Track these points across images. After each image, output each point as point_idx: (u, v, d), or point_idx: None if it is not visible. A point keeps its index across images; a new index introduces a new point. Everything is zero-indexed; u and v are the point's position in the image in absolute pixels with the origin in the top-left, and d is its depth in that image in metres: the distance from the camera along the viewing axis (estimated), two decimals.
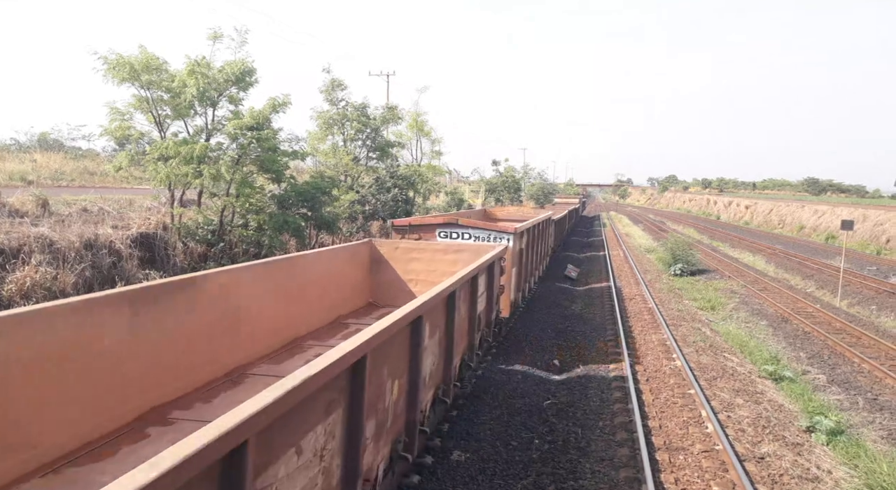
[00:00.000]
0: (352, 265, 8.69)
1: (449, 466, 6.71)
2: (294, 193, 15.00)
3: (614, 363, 11.27)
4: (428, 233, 11.00)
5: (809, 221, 51.49)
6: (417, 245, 9.14)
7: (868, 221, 40.64)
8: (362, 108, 23.17)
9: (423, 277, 8.85)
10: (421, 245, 9.14)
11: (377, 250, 9.24)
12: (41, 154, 26.52)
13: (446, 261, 8.81)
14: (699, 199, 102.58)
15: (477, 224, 10.94)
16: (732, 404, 9.34)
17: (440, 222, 11.07)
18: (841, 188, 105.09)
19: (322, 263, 7.77)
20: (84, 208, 14.06)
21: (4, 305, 8.82)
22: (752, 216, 67.33)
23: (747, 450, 7.69)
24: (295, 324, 7.01)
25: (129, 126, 13.01)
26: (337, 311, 8.16)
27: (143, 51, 12.74)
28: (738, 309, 18.07)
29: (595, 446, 7.67)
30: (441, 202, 34.59)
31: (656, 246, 35.92)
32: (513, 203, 50.94)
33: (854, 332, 15.37)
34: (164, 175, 12.59)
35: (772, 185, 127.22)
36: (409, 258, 9.07)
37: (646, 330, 14.05)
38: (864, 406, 10.45)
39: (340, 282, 8.27)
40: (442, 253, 9.01)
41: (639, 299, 18.18)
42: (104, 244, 11.21)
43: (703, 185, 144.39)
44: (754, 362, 12.36)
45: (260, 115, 13.66)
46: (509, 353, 11.44)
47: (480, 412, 8.36)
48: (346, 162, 22.03)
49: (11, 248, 9.75)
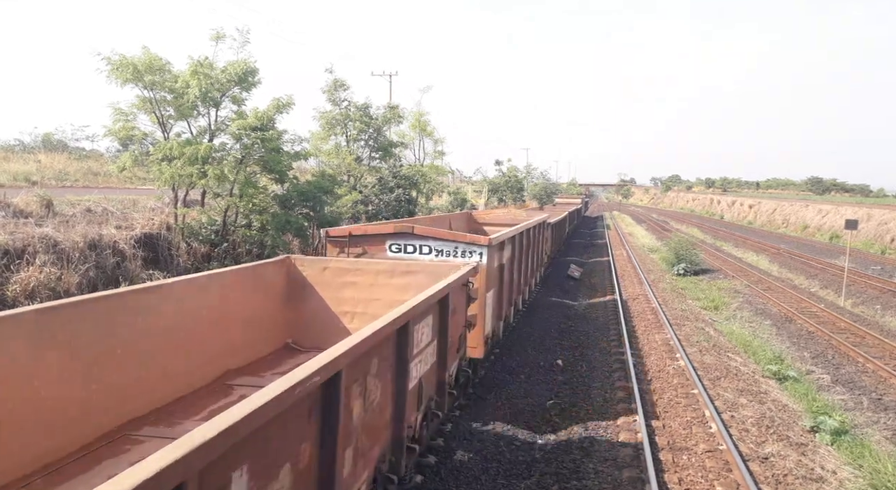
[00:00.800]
0: (259, 293, 6.31)
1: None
2: (296, 193, 15.03)
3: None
4: (375, 245, 8.32)
5: (813, 221, 51.35)
6: (354, 265, 6.82)
7: (872, 221, 40.50)
8: (365, 108, 23.18)
9: (361, 308, 6.65)
10: (359, 265, 6.82)
11: (297, 272, 6.84)
12: (45, 155, 26.61)
13: (393, 286, 6.62)
14: (702, 199, 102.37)
15: (439, 234, 8.12)
16: (736, 404, 9.32)
17: (390, 232, 8.30)
18: (845, 187, 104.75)
19: (211, 293, 5.51)
20: (88, 209, 14.10)
21: (9, 305, 8.85)
22: (755, 216, 67.17)
23: (751, 450, 7.68)
24: (150, 388, 4.68)
25: (132, 127, 13.04)
26: (232, 359, 5.74)
27: (146, 52, 12.77)
28: (742, 308, 18.03)
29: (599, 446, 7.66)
30: (444, 202, 34.58)
31: (659, 245, 35.86)
32: (515, 203, 50.89)
33: (858, 331, 15.33)
34: (169, 175, 12.62)
35: (775, 185, 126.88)
36: (343, 282, 6.74)
37: (649, 329, 14.03)
38: (868, 406, 10.42)
39: (241, 317, 5.90)
40: (387, 275, 6.68)
41: (642, 299, 18.15)
42: (108, 244, 11.24)
43: (706, 184, 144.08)
44: (758, 362, 12.33)
45: (264, 116, 13.69)
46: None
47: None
48: (349, 162, 22.04)
49: (16, 248, 9.78)
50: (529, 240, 13.45)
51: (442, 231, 8.35)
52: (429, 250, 8.28)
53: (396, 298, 6.26)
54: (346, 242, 8.46)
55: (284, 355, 6.41)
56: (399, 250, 8.40)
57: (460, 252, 8.20)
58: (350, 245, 8.44)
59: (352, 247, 8.43)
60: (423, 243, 8.31)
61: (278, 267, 6.79)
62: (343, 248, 8.44)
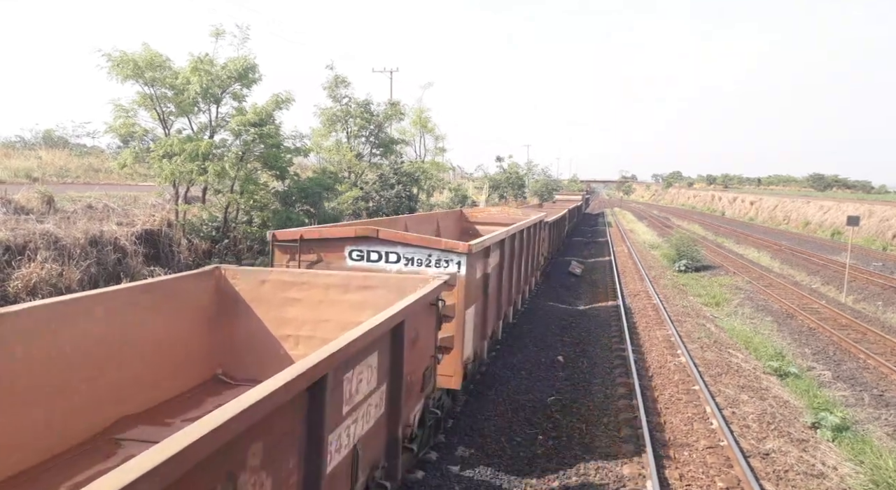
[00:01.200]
0: (179, 313, 5.16)
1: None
2: (297, 190, 15.03)
3: None
4: (333, 252, 7.08)
5: (815, 217, 51.29)
6: (299, 277, 5.69)
7: (874, 217, 40.44)
8: (366, 104, 23.16)
9: (307, 331, 5.52)
10: (305, 277, 5.68)
11: (229, 286, 5.67)
12: (46, 151, 26.61)
13: (347, 303, 5.52)
14: (704, 195, 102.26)
15: (409, 239, 6.95)
16: (737, 400, 9.32)
17: (351, 236, 7.01)
18: (847, 184, 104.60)
19: (103, 315, 4.33)
20: (89, 205, 14.10)
21: (11, 301, 8.86)
22: (756, 212, 67.10)
23: (752, 446, 7.68)
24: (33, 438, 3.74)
25: (133, 123, 13.04)
26: (131, 403, 4.51)
27: (146, 48, 12.76)
28: (743, 305, 18.02)
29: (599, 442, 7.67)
30: (445, 199, 34.56)
31: (661, 242, 35.84)
32: (517, 199, 50.89)
33: (860, 328, 15.31)
34: (169, 172, 12.62)
35: (777, 181, 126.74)
36: (286, 299, 5.60)
37: (650, 326, 14.03)
38: (869, 402, 10.41)
39: (150, 345, 4.77)
40: (340, 290, 5.57)
41: (643, 295, 18.15)
42: (109, 241, 11.25)
43: (707, 181, 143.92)
44: (759, 358, 12.33)
45: (263, 111, 13.68)
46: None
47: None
48: (350, 158, 22.03)
49: (17, 244, 9.79)
50: (523, 242, 12.07)
51: (411, 235, 7.01)
52: (396, 258, 6.94)
53: (351, 319, 5.21)
54: (298, 248, 7.07)
55: (209, 391, 5.23)
56: (361, 258, 7.03)
57: (434, 261, 6.87)
58: (302, 251, 7.08)
59: (304, 253, 7.09)
60: (389, 250, 6.97)
61: (204, 280, 5.49)
62: (294, 255, 7.09)
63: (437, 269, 6.87)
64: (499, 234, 9.04)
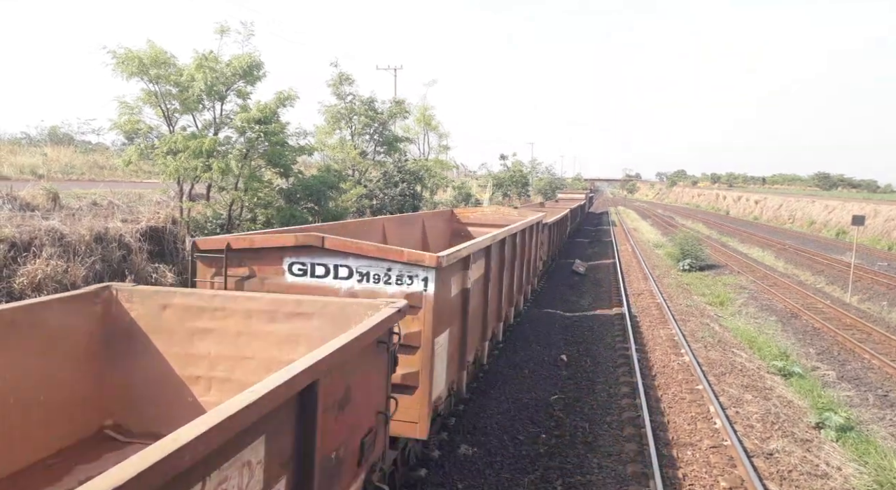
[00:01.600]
0: (57, 346, 3.96)
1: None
2: (301, 188, 15.05)
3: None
4: (268, 264, 5.72)
5: (820, 217, 51.10)
6: (212, 301, 4.40)
7: (880, 217, 40.27)
8: (370, 102, 23.15)
9: (223, 372, 4.30)
10: (220, 301, 4.40)
11: (122, 312, 4.40)
12: (51, 148, 26.71)
13: (276, 336, 4.30)
14: (708, 194, 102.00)
15: (363, 249, 5.58)
16: (741, 400, 9.30)
17: (290, 245, 5.68)
18: (852, 183, 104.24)
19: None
20: (94, 202, 14.14)
21: (16, 297, 8.91)
22: (761, 211, 66.90)
23: (756, 446, 7.67)
24: None
25: (138, 120, 13.07)
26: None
27: (151, 45, 12.78)
28: (747, 304, 17.98)
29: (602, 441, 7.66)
30: (448, 197, 34.54)
31: (665, 241, 35.76)
32: (520, 198, 50.85)
33: (865, 328, 15.26)
34: (174, 169, 12.64)
35: (782, 180, 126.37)
36: (195, 329, 4.36)
37: (654, 325, 14.01)
38: (874, 402, 10.38)
39: (17, 388, 3.63)
40: (265, 317, 4.32)
41: (647, 294, 18.13)
42: (114, 238, 11.28)
43: (712, 179, 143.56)
44: (763, 358, 12.30)
45: (267, 109, 13.70)
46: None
47: None
48: (354, 156, 22.04)
49: (23, 240, 9.83)
50: (516, 247, 10.77)
51: (367, 245, 5.59)
52: (348, 273, 5.56)
53: (279, 356, 4.13)
54: (224, 259, 5.68)
55: (92, 450, 4.01)
56: (304, 272, 5.62)
57: (395, 277, 5.48)
58: (231, 264, 5.71)
59: (233, 266, 5.72)
60: (339, 262, 5.56)
61: (88, 304, 4.21)
62: (220, 270, 5.70)
63: (399, 286, 5.46)
64: (483, 241, 7.54)
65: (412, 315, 5.12)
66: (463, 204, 32.91)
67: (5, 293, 8.97)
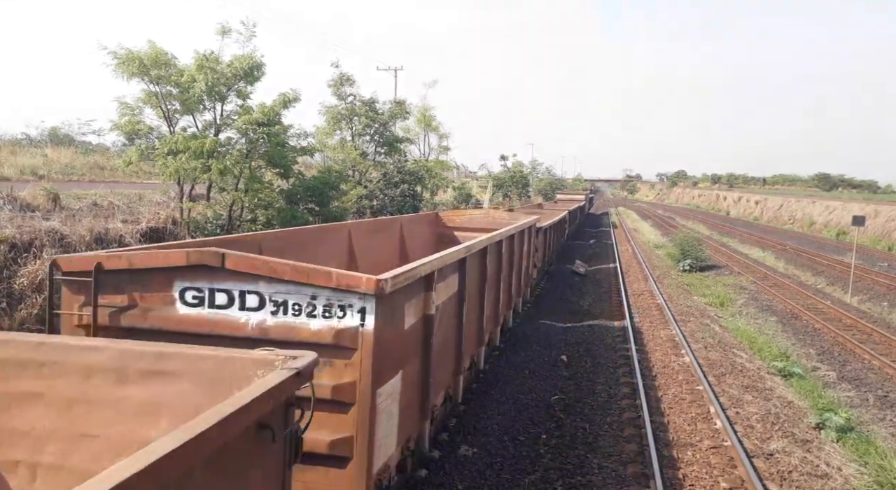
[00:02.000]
0: None
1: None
2: (302, 188, 15.07)
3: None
4: (155, 291, 4.39)
5: (820, 217, 51.10)
6: (34, 352, 2.93)
7: (880, 217, 40.27)
8: (371, 103, 23.17)
9: (52, 457, 2.83)
10: (43, 352, 2.91)
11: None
12: (52, 149, 26.72)
13: (129, 405, 2.85)
14: (708, 195, 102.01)
15: (276, 270, 4.21)
16: (741, 400, 9.30)
17: (182, 265, 4.32)
18: (853, 183, 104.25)
19: None
20: (94, 203, 14.15)
21: (17, 298, 8.92)
22: (761, 212, 66.90)
23: (756, 446, 7.67)
24: None
25: (138, 121, 13.08)
26: None
27: (152, 46, 12.80)
28: (748, 305, 17.98)
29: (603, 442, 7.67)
30: (449, 197, 34.54)
31: (665, 241, 35.76)
32: (520, 198, 50.86)
33: (865, 328, 15.26)
34: (174, 170, 12.65)
35: (782, 181, 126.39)
36: (15, 395, 2.91)
37: (654, 326, 14.01)
38: (874, 403, 10.39)
39: None
40: (113, 378, 2.88)
41: (647, 295, 18.13)
42: (114, 238, 11.29)
43: (712, 180, 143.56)
44: (763, 359, 12.31)
45: (271, 111, 13.71)
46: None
47: None
48: (354, 157, 22.05)
49: (23, 241, 9.84)
50: (501, 256, 9.38)
51: (279, 264, 4.20)
52: (258, 302, 4.24)
53: (134, 435, 2.81)
54: (94, 285, 4.32)
55: None
56: (200, 302, 4.30)
57: (322, 307, 4.14)
58: (105, 289, 4.36)
59: (108, 293, 4.37)
60: (247, 287, 4.24)
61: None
62: (89, 298, 4.35)
63: (326, 320, 4.11)
64: (454, 252, 6.18)
65: (344, 360, 4.00)
66: (463, 205, 32.89)
67: (5, 294, 8.99)
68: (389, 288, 4.16)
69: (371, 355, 4.10)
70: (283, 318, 4.21)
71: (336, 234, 8.14)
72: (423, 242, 11.61)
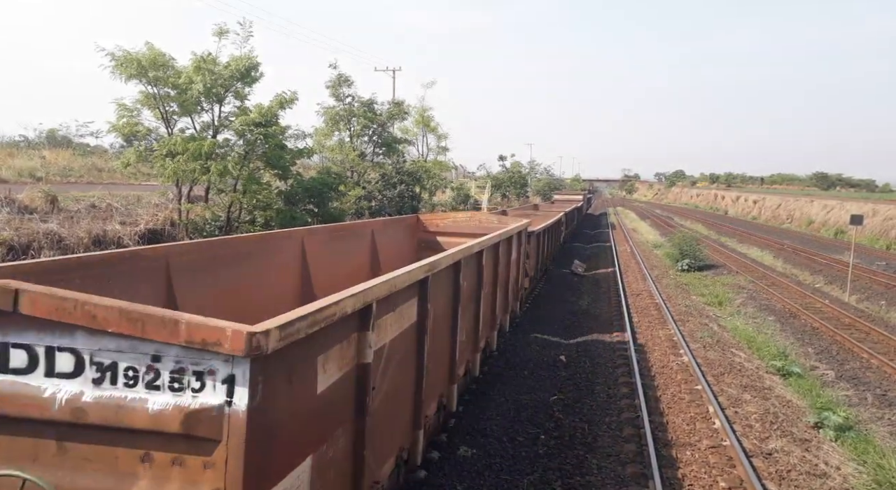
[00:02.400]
0: None
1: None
2: (301, 189, 15.07)
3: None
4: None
5: (818, 216, 51.17)
6: None
7: (878, 216, 40.33)
8: (369, 103, 23.18)
9: None
10: None
11: None
12: (50, 151, 26.71)
13: None
14: (706, 194, 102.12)
15: (97, 315, 2.41)
16: (740, 400, 9.31)
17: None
18: (850, 183, 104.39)
19: None
20: (92, 204, 14.14)
21: None
22: (760, 211, 66.97)
23: (755, 445, 7.68)
24: None
25: (136, 122, 13.09)
26: None
27: (150, 47, 12.80)
28: (746, 304, 18.00)
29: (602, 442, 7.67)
30: (447, 198, 34.54)
31: (663, 241, 35.78)
32: (519, 199, 50.88)
33: (863, 327, 15.28)
34: (172, 171, 12.66)
35: (780, 180, 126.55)
36: None
37: (653, 325, 14.02)
38: (872, 402, 10.40)
39: None
40: None
41: (645, 295, 18.14)
42: (113, 240, 11.29)
43: (710, 180, 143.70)
44: (762, 358, 12.32)
45: (268, 112, 13.72)
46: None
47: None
48: (353, 158, 22.06)
49: (21, 243, 9.83)
50: (481, 271, 7.74)
51: (103, 307, 2.49)
52: (74, 364, 2.57)
53: None
54: None
55: None
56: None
57: (168, 372, 2.52)
58: None
59: None
60: (56, 342, 2.56)
61: None
62: None
63: (176, 394, 2.53)
64: (405, 274, 4.33)
65: (201, 457, 2.52)
66: (462, 205, 32.89)
67: None
68: (275, 343, 2.53)
69: (243, 451, 2.48)
70: (109, 391, 2.59)
71: (284, 243, 6.49)
72: (400, 251, 10.14)
